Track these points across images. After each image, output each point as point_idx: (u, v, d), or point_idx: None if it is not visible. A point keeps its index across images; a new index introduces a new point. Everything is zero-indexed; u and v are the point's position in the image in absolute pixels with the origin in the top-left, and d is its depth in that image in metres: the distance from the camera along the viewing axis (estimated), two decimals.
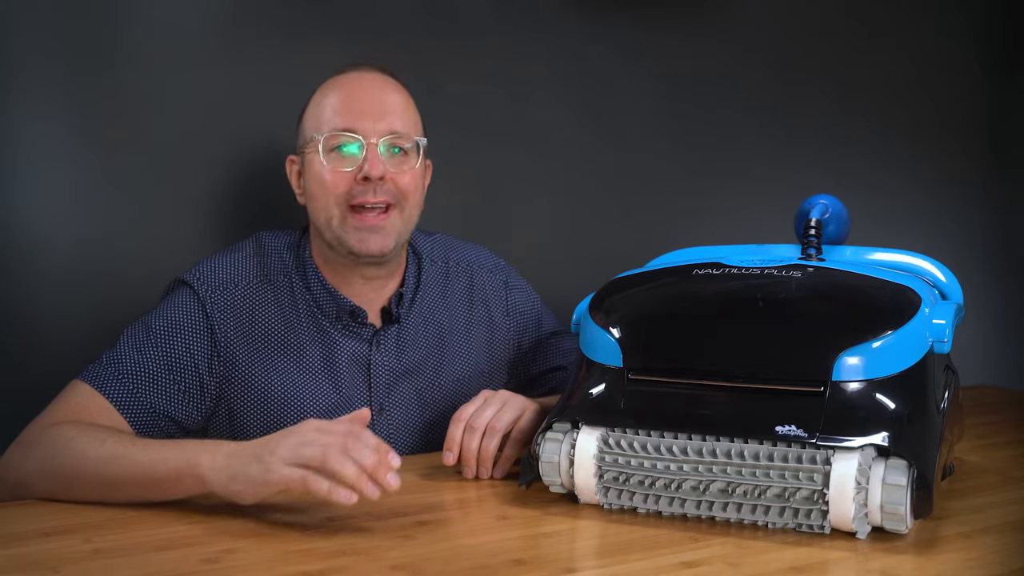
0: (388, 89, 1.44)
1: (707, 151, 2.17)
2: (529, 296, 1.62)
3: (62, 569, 0.96)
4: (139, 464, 1.14)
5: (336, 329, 1.43)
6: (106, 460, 1.15)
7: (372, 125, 1.39)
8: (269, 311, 1.41)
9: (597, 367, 1.18)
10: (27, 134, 1.55)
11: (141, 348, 1.33)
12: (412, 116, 1.45)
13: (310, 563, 0.98)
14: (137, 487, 1.14)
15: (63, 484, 1.17)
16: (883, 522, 1.05)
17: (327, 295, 1.43)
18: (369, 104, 1.40)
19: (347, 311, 1.43)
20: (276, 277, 1.43)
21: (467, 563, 0.99)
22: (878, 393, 1.07)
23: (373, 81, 1.44)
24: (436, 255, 1.55)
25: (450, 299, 1.53)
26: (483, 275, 1.58)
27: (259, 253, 1.44)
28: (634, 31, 2.06)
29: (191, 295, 1.38)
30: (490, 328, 1.56)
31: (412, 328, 1.48)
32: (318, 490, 1.05)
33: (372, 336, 1.45)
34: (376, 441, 1.07)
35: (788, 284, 1.16)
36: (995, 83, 2.53)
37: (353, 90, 1.42)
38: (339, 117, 1.39)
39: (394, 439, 1.45)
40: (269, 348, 1.40)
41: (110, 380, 1.30)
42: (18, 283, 1.56)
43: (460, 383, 1.50)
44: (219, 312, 1.38)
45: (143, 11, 1.62)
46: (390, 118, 1.40)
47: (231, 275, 1.40)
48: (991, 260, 2.51)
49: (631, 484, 1.13)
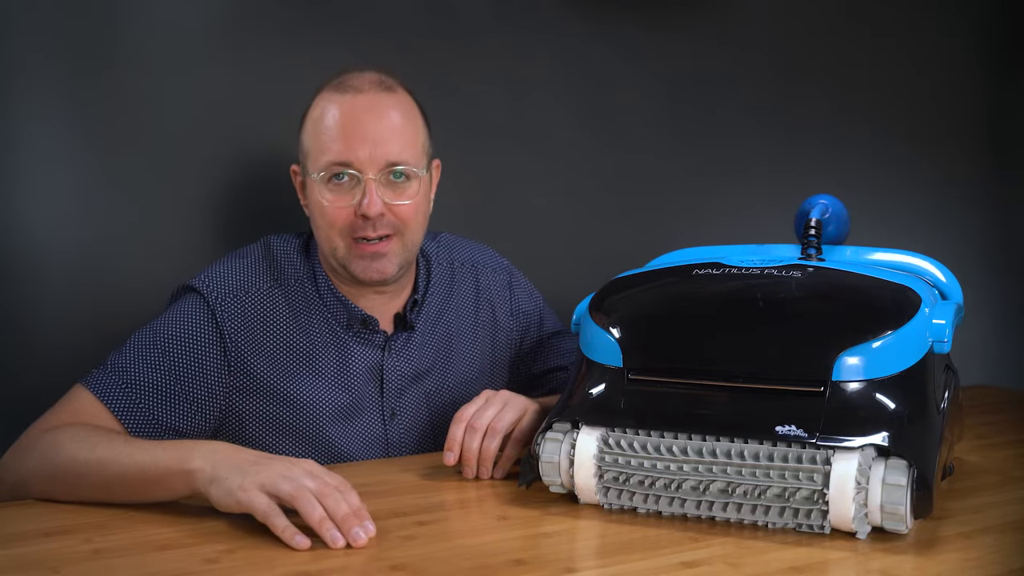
0: (386, 111, 1.38)
1: (707, 151, 2.17)
2: (532, 296, 1.62)
3: (62, 569, 0.96)
4: (131, 466, 1.13)
5: (348, 335, 1.43)
6: (98, 464, 1.15)
7: (369, 157, 1.35)
8: (281, 315, 1.40)
9: (597, 367, 1.18)
10: (27, 136, 1.55)
11: (147, 358, 1.32)
12: (412, 136, 1.40)
13: (310, 563, 0.98)
14: (130, 489, 1.14)
15: (60, 486, 1.17)
16: (883, 522, 1.05)
17: (338, 303, 1.43)
18: (366, 132, 1.35)
19: (359, 319, 1.43)
20: (288, 281, 1.42)
21: (467, 563, 0.99)
22: (878, 393, 1.07)
23: (371, 102, 1.37)
24: (442, 256, 1.55)
25: (456, 300, 1.53)
26: (488, 275, 1.58)
27: (268, 257, 1.43)
28: (634, 31, 2.06)
29: (200, 302, 1.36)
30: (494, 328, 1.56)
31: (422, 332, 1.48)
32: (274, 525, 1.02)
33: (384, 342, 1.45)
34: (359, 505, 1.05)
35: (788, 284, 1.16)
36: (995, 83, 2.52)
37: (349, 116, 1.36)
38: (336, 146, 1.35)
39: (404, 443, 1.45)
40: (281, 353, 1.39)
41: (113, 389, 1.29)
42: (18, 286, 1.56)
43: (466, 384, 1.51)
44: (230, 320, 1.36)
45: (143, 11, 1.62)
46: (388, 146, 1.36)
47: (241, 281, 1.39)
48: (991, 260, 2.51)
49: (631, 484, 1.13)
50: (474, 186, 1.91)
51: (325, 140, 1.36)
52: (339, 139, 1.36)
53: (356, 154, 1.35)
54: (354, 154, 1.35)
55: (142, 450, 1.14)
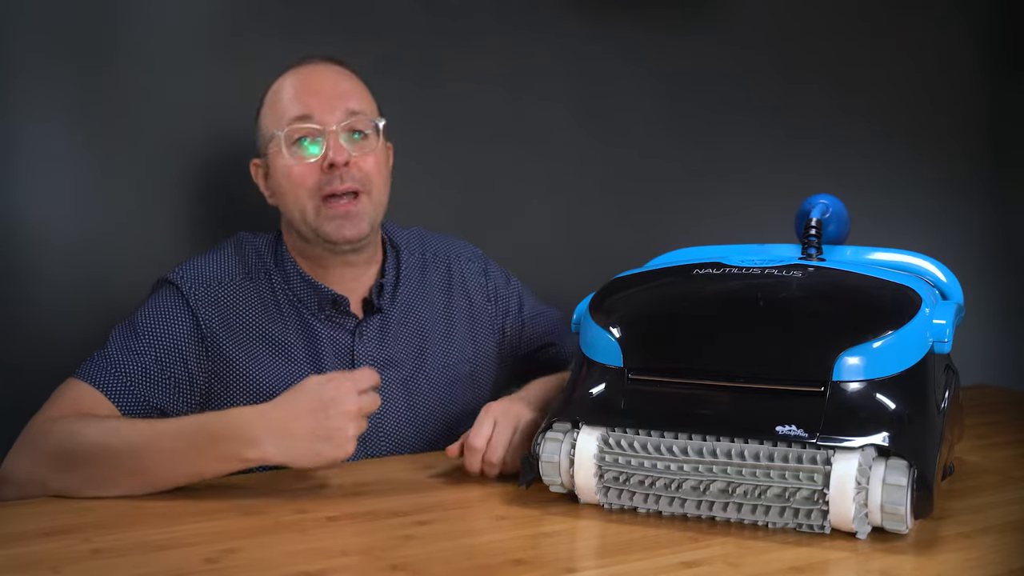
0: (340, 75, 1.46)
1: (707, 151, 2.17)
2: (509, 281, 1.63)
3: (62, 569, 0.96)
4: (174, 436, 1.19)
5: (319, 320, 1.45)
6: (131, 445, 1.18)
7: (329, 111, 1.41)
8: (252, 307, 1.43)
9: (597, 367, 1.18)
10: (27, 135, 1.55)
11: (130, 346, 1.35)
12: (367, 97, 1.47)
13: (310, 563, 0.98)
14: (172, 461, 1.18)
15: (84, 477, 1.18)
16: (883, 522, 1.05)
17: (308, 287, 1.45)
18: (323, 90, 1.43)
19: (329, 300, 1.45)
20: (257, 274, 1.45)
21: (467, 563, 0.99)
22: (878, 393, 1.07)
23: (324, 69, 1.46)
24: (413, 247, 1.57)
25: (428, 289, 1.55)
26: (461, 264, 1.60)
27: (239, 252, 1.46)
28: (634, 31, 2.07)
29: (175, 293, 1.40)
30: (471, 314, 1.57)
31: (394, 319, 1.50)
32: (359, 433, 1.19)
33: (355, 327, 1.46)
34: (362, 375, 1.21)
35: (788, 284, 1.16)
36: (995, 83, 2.53)
37: (305, 79, 1.44)
38: (295, 106, 1.41)
39: (380, 428, 1.45)
40: (254, 342, 1.41)
41: (103, 375, 1.31)
42: (18, 283, 1.56)
43: (445, 370, 1.52)
44: (204, 308, 1.39)
45: (143, 11, 1.62)
46: (345, 100, 1.42)
47: (214, 273, 1.42)
48: (991, 260, 2.51)
49: (631, 484, 1.13)
50: (474, 185, 1.91)
51: (284, 104, 1.43)
52: (297, 99, 1.42)
53: (316, 107, 1.41)
54: (314, 107, 1.41)
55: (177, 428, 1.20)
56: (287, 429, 1.17)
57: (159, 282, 1.43)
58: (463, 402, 1.52)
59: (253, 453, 1.17)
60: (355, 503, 1.18)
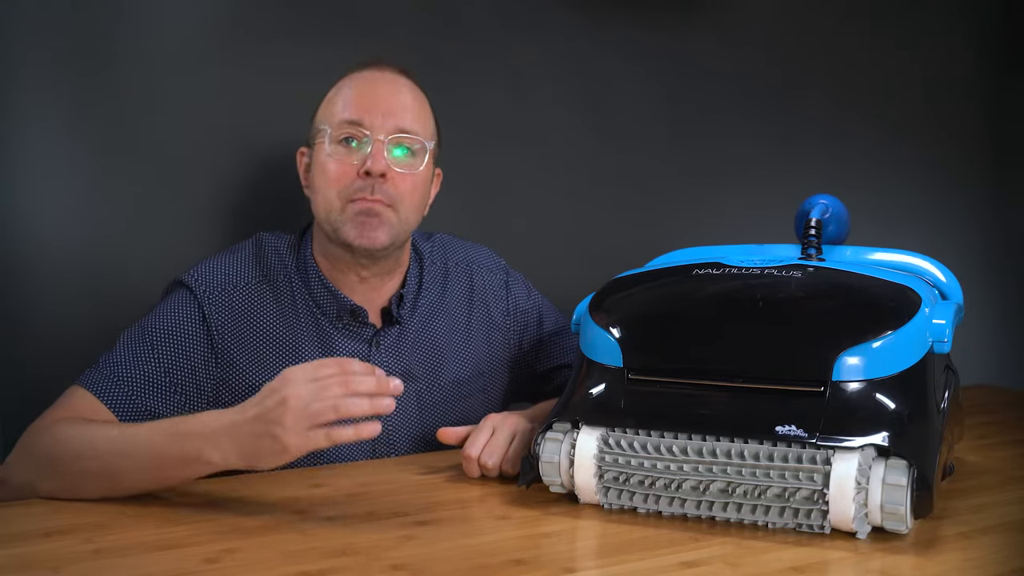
0: (403, 88, 1.43)
1: (707, 151, 2.17)
2: (530, 295, 1.62)
3: (62, 569, 0.96)
4: (142, 453, 1.14)
5: (336, 329, 1.43)
6: (107, 454, 1.16)
7: (381, 121, 1.39)
8: (268, 312, 1.41)
9: (597, 367, 1.18)
10: (27, 135, 1.55)
11: (137, 352, 1.33)
12: (423, 118, 1.44)
13: (310, 563, 0.98)
14: (141, 475, 1.15)
15: (65, 483, 1.18)
16: (883, 522, 1.05)
17: (327, 294, 1.43)
18: (381, 100, 1.40)
19: (347, 310, 1.43)
20: (276, 276, 1.43)
21: (467, 563, 0.99)
22: (878, 393, 1.07)
23: (389, 79, 1.44)
24: (436, 255, 1.55)
25: (449, 301, 1.53)
26: (483, 275, 1.58)
27: (259, 253, 1.44)
28: (634, 31, 2.06)
29: (189, 296, 1.38)
30: (489, 328, 1.56)
31: (412, 331, 1.48)
32: (343, 439, 1.07)
33: (372, 336, 1.45)
34: (363, 366, 1.10)
35: (788, 284, 1.16)
36: (995, 83, 2.53)
37: (367, 85, 1.42)
38: (349, 110, 1.39)
39: (393, 441, 1.44)
40: (266, 350, 1.39)
41: (106, 384, 1.30)
42: (19, 284, 1.56)
43: (459, 385, 1.51)
44: (217, 313, 1.37)
45: (144, 11, 1.62)
46: (401, 116, 1.40)
47: (230, 276, 1.40)
48: (991, 260, 2.51)
49: (631, 484, 1.13)
50: (474, 186, 1.91)
51: (340, 104, 1.41)
52: (354, 102, 1.40)
53: (370, 116, 1.39)
54: (368, 116, 1.39)
55: (149, 443, 1.14)
56: (236, 424, 1.10)
57: (173, 283, 1.41)
58: (475, 418, 1.50)
59: (215, 455, 1.11)
60: (355, 503, 1.18)
